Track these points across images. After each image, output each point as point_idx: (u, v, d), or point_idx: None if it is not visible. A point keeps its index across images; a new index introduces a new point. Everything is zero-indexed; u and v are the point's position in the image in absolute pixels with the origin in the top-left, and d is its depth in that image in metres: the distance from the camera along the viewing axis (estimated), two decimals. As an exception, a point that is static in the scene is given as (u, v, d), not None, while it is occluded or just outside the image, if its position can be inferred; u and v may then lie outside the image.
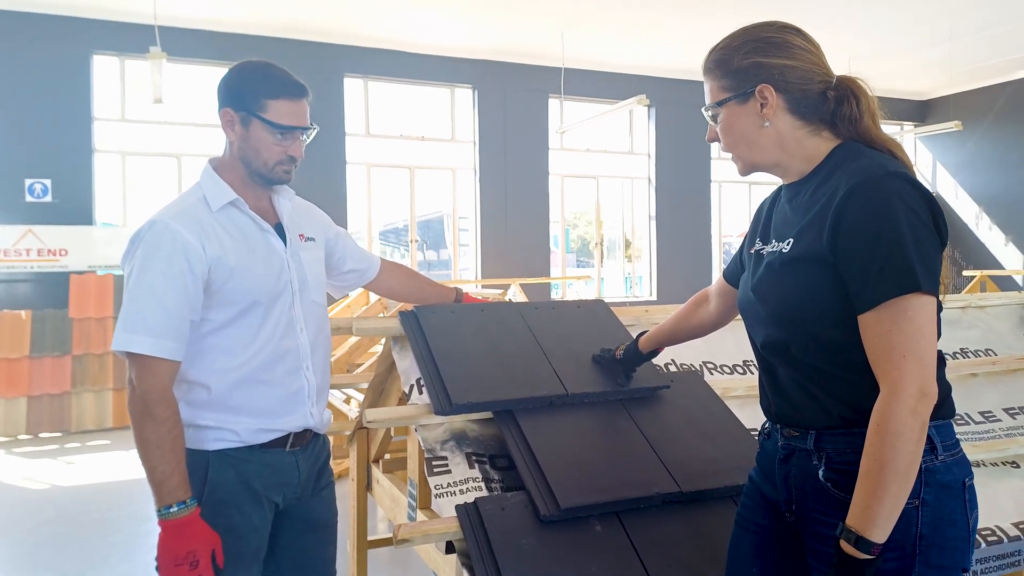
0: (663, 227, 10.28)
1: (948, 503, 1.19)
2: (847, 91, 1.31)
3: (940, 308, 1.22)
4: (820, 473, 1.25)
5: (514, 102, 9.39)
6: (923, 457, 1.18)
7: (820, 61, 1.32)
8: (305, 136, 1.74)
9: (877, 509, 1.12)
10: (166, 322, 1.56)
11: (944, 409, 1.24)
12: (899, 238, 1.14)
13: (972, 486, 1.23)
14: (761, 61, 1.30)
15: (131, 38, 7.49)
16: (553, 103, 9.61)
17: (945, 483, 1.19)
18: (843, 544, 1.14)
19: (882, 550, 1.16)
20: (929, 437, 1.20)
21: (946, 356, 2.48)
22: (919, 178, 1.21)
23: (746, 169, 1.38)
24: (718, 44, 1.37)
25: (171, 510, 1.54)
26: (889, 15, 7.74)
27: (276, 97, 1.67)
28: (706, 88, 1.39)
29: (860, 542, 1.13)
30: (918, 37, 8.51)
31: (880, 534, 1.12)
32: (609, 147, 10.44)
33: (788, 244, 1.29)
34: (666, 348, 1.86)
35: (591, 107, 9.76)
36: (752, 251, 1.42)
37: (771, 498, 1.37)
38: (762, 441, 1.43)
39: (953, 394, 1.29)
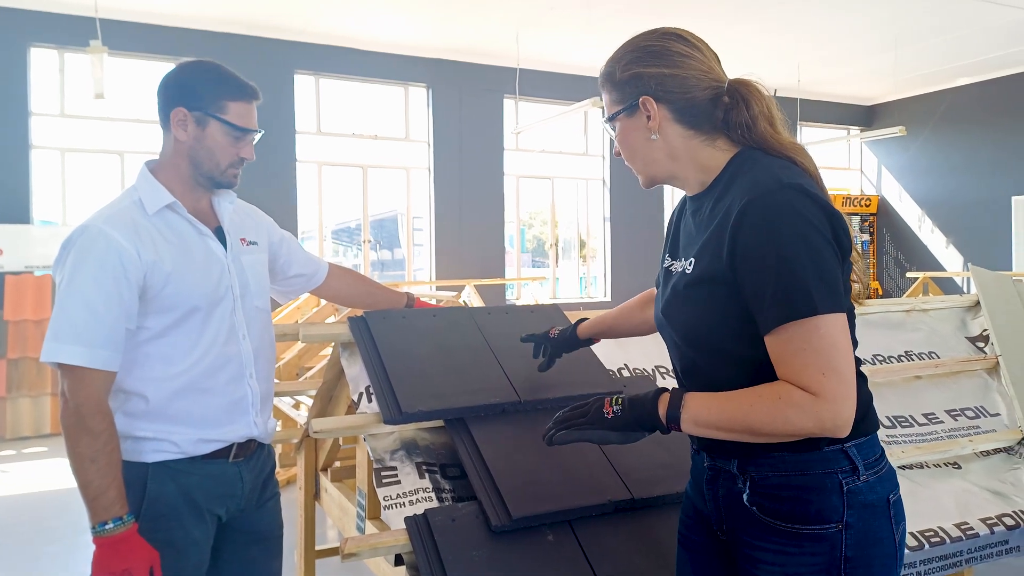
0: (617, 228, 10.35)
1: (873, 523, 1.15)
2: (737, 96, 1.24)
3: (854, 315, 1.19)
4: (744, 497, 1.21)
5: (469, 102, 9.34)
6: (844, 479, 1.15)
7: (707, 67, 1.25)
8: (254, 138, 1.71)
9: (707, 418, 1.13)
10: (98, 331, 1.49)
11: (865, 425, 1.18)
12: (794, 257, 1.08)
13: (898, 500, 1.20)
14: (640, 71, 1.26)
15: (71, 30, 7.23)
16: (508, 103, 9.59)
17: (869, 503, 1.15)
18: (664, 399, 1.17)
19: (808, 574, 1.14)
20: (850, 458, 1.16)
21: (891, 358, 2.53)
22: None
23: (646, 182, 1.33)
24: (609, 57, 1.33)
25: (106, 527, 1.48)
26: (837, 22, 7.91)
27: (236, 99, 1.64)
28: (603, 103, 1.35)
29: (671, 412, 1.15)
30: (865, 43, 8.72)
31: (686, 427, 1.15)
32: (564, 148, 10.47)
33: (690, 264, 1.23)
34: (619, 354, 1.85)
35: (546, 108, 9.77)
36: (664, 266, 1.36)
37: (705, 513, 1.33)
38: (692, 456, 1.38)
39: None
